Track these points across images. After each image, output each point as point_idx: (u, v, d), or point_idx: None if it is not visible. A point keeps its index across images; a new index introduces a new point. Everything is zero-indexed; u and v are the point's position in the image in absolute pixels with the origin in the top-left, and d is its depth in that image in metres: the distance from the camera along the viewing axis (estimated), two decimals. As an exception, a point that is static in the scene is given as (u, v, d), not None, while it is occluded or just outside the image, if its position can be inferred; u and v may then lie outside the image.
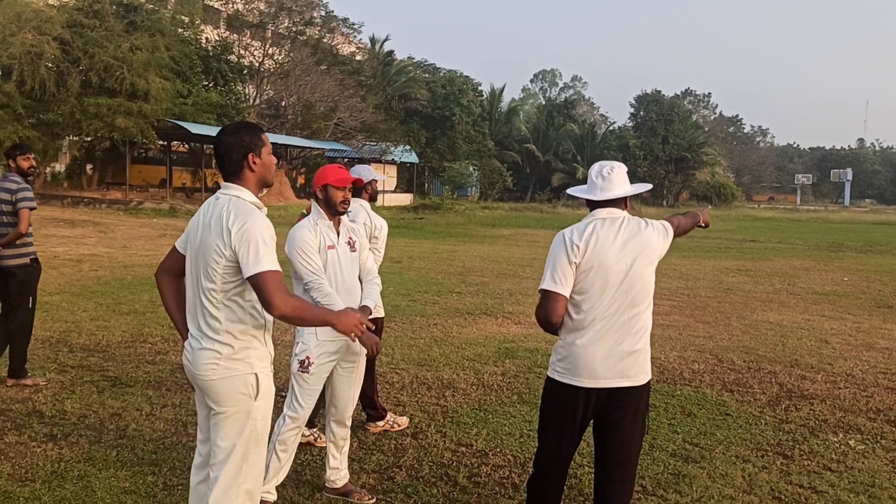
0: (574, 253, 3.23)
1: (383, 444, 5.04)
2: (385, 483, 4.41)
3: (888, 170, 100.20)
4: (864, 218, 50.97)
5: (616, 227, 3.31)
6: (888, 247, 25.12)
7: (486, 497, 4.27)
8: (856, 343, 8.78)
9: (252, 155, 3.00)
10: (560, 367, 3.30)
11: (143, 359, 7.04)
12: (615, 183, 3.37)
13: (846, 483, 4.58)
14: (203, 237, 2.95)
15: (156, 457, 4.64)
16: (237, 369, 2.92)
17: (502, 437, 5.24)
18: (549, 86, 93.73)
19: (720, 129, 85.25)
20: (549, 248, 3.34)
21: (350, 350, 4.18)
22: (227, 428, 2.94)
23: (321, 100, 41.43)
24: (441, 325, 9.00)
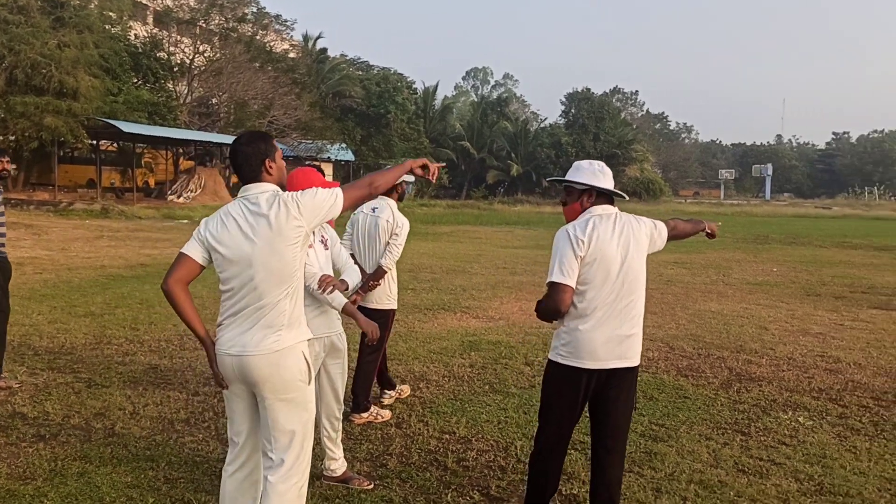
0: (580, 247, 3.49)
1: (370, 435, 5.24)
2: (379, 470, 4.61)
3: (804, 165, 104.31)
4: (784, 211, 53.11)
5: (612, 222, 3.59)
6: (809, 238, 26.35)
7: (476, 479, 4.52)
8: (792, 329, 9.35)
9: (268, 160, 3.21)
10: (564, 351, 3.57)
11: (112, 360, 7.05)
12: (609, 177, 3.69)
13: (800, 455, 4.99)
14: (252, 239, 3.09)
15: (150, 453, 4.74)
16: (294, 357, 3.16)
17: (481, 424, 5.50)
18: (481, 83, 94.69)
19: (647, 126, 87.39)
20: (553, 243, 3.58)
21: (335, 347, 4.38)
22: (291, 414, 3.17)
23: (254, 98, 40.98)
24: (402, 321, 9.20)
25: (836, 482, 4.53)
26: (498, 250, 19.73)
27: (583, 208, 3.66)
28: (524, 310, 10.26)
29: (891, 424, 5.66)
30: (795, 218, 44.87)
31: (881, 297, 12.19)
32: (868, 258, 19.42)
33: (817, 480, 4.56)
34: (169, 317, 9.19)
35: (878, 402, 6.24)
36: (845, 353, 8.01)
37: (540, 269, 15.24)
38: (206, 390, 6.16)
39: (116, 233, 21.06)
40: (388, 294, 5.64)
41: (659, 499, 4.26)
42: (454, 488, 4.36)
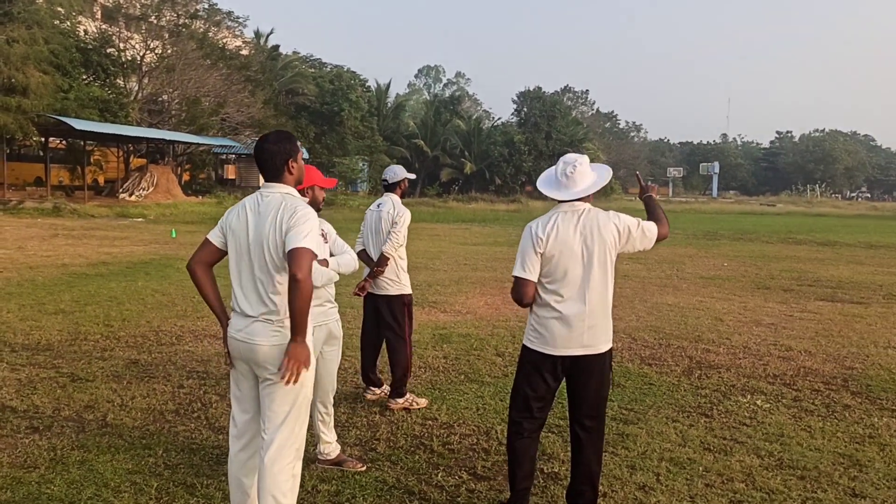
0: (538, 244, 3.76)
1: (357, 421, 5.47)
2: (369, 454, 4.84)
3: (749, 163, 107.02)
4: (731, 208, 54.57)
5: (576, 218, 3.80)
6: (756, 235, 27.24)
7: (462, 460, 4.78)
8: (745, 320, 9.81)
9: (291, 160, 3.43)
10: (532, 336, 3.87)
11: (92, 356, 7.14)
12: (577, 181, 3.85)
13: (760, 435, 5.36)
14: (259, 228, 3.33)
15: (146, 441, 4.90)
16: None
17: (461, 410, 5.77)
18: (434, 82, 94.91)
19: (598, 124, 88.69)
20: (522, 238, 3.88)
21: (332, 335, 4.63)
22: (283, 395, 3.34)
23: (207, 95, 40.59)
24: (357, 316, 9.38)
25: (794, 458, 4.90)
26: (457, 247, 20.02)
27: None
28: (490, 304, 10.56)
29: (841, 406, 6.08)
30: (742, 215, 46.17)
31: (826, 290, 12.79)
32: (812, 253, 20.22)
33: (777, 456, 4.92)
34: (141, 313, 9.28)
35: (828, 386, 6.67)
36: (796, 341, 8.47)
37: (500, 265, 15.58)
38: (190, 383, 6.30)
39: (71, 231, 20.78)
40: (397, 280, 5.93)
41: (634, 475, 4.57)
42: (443, 469, 4.61)
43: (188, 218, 28.98)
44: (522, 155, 59.10)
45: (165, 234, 20.78)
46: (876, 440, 5.27)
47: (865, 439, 5.29)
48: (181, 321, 8.88)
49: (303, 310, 3.18)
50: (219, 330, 8.39)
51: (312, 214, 3.33)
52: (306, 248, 3.18)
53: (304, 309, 3.19)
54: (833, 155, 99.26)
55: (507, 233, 26.53)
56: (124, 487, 4.20)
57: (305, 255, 3.17)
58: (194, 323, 8.81)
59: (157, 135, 36.23)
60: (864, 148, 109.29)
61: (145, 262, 14.64)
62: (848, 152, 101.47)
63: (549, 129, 61.48)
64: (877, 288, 13.10)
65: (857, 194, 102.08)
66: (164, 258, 15.38)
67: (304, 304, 3.17)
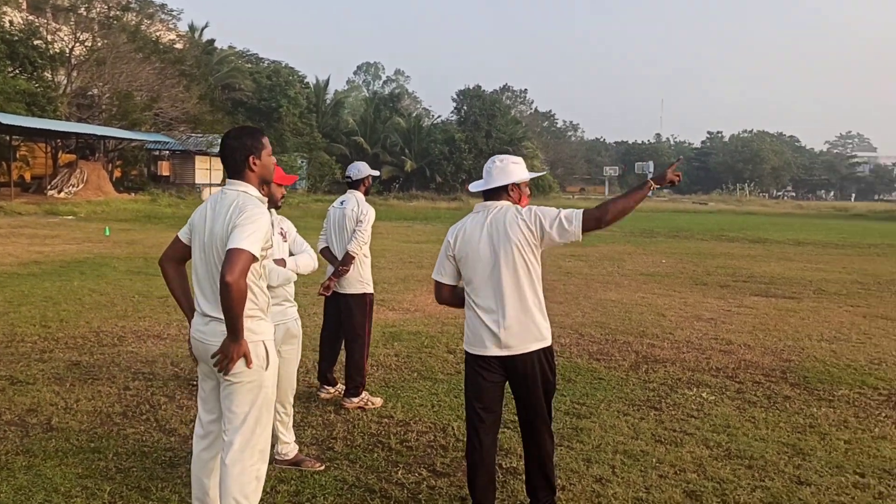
0: (448, 247, 3.85)
1: (312, 420, 5.42)
2: (327, 453, 4.81)
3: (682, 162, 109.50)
4: (666, 206, 55.80)
5: (483, 218, 3.78)
6: (691, 232, 27.93)
7: (420, 457, 4.78)
8: (687, 315, 10.06)
9: (252, 157, 3.36)
10: (466, 340, 3.88)
11: (30, 357, 6.91)
12: (494, 176, 3.81)
13: (708, 426, 5.50)
14: (213, 227, 3.26)
15: (94, 445, 4.77)
16: (249, 339, 3.24)
17: (416, 408, 5.77)
18: (373, 79, 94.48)
19: (536, 123, 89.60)
20: None
21: (290, 334, 4.59)
22: (242, 396, 3.27)
23: (139, 89, 39.57)
24: (321, 314, 9.31)
25: (741, 448, 5.05)
26: (401, 245, 20.00)
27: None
28: (437, 301, 10.57)
29: (781, 397, 6.28)
30: (676, 213, 47.26)
31: (760, 286, 13.20)
32: (745, 250, 20.83)
33: (725, 447, 5.07)
34: (80, 313, 9.01)
35: (768, 378, 6.90)
36: (735, 335, 8.72)
37: (445, 262, 15.59)
38: (136, 385, 6.16)
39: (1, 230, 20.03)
40: (360, 279, 5.91)
41: (590, 468, 4.65)
42: (402, 466, 4.61)
43: (121, 216, 28.23)
44: (463, 153, 59.30)
45: (98, 233, 20.21)
46: (816, 430, 5.47)
47: (806, 429, 5.48)
48: (122, 321, 8.65)
49: (233, 312, 3.10)
50: (162, 330, 8.26)
51: (262, 215, 3.24)
52: (242, 251, 3.09)
53: (236, 311, 3.10)
54: (760, 155, 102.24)
55: (448, 230, 26.59)
56: (75, 492, 4.08)
57: (239, 257, 3.08)
58: (136, 323, 8.60)
59: (87, 130, 35.13)
60: (790, 148, 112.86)
61: (79, 260, 14.22)
62: (774, 152, 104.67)
63: (488, 127, 61.86)
64: (807, 283, 13.57)
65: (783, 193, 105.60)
66: (99, 257, 14.96)
67: (234, 307, 3.08)
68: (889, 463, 4.83)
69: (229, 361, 3.19)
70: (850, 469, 4.71)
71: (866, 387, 6.61)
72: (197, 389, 5.31)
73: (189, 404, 5.67)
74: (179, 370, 6.66)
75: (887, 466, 4.77)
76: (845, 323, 9.69)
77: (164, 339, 7.90)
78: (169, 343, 7.69)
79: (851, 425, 5.57)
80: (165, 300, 10.01)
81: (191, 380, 6.29)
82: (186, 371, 6.59)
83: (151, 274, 12.55)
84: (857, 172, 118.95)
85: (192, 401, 5.76)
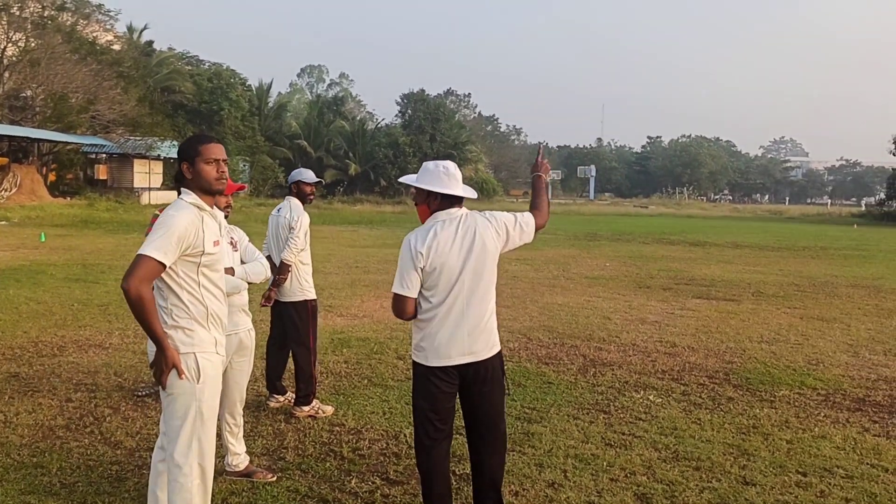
0: (419, 259, 3.60)
1: (262, 430, 5.35)
2: (278, 463, 4.76)
3: (623, 166, 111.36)
4: (607, 210, 56.67)
5: (455, 227, 3.67)
6: (633, 235, 28.42)
7: (374, 465, 4.76)
8: (631, 318, 10.24)
9: (185, 164, 3.32)
10: (417, 351, 3.74)
11: (-35, 370, 6.66)
12: (458, 180, 3.73)
13: (656, 429, 5.61)
14: None
15: (36, 460, 4.62)
16: (179, 350, 3.20)
17: (368, 415, 5.75)
18: (317, 82, 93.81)
19: (480, 127, 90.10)
20: (401, 252, 3.70)
21: (242, 344, 4.53)
22: (174, 408, 3.23)
23: (75, 91, 38.53)
24: (267, 321, 9.20)
25: (688, 449, 5.16)
26: (346, 249, 19.88)
27: (430, 210, 3.74)
28: (385, 307, 10.54)
29: (725, 399, 6.44)
30: (618, 216, 48.00)
31: (701, 288, 13.51)
32: (685, 253, 21.30)
33: (673, 449, 5.17)
34: (17, 322, 8.73)
35: (712, 380, 7.06)
36: (679, 338, 8.91)
37: (392, 267, 15.51)
38: (78, 396, 5.99)
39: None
40: (299, 286, 5.84)
41: (542, 473, 4.69)
42: (355, 475, 4.59)
43: (57, 220, 27.41)
44: (407, 157, 59.23)
45: (33, 238, 19.59)
46: (759, 430, 5.62)
47: (750, 430, 5.63)
48: (61, 331, 8.41)
49: (140, 320, 3.07)
50: (104, 339, 8.08)
51: (174, 217, 3.16)
52: (141, 256, 3.05)
53: (141, 319, 3.07)
54: (698, 159, 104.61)
55: (395, 235, 26.52)
56: (18, 510, 3.95)
57: (137, 263, 3.04)
58: (76, 332, 8.37)
59: (19, 132, 34.07)
60: (726, 153, 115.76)
61: (14, 268, 13.77)
62: (712, 157, 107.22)
63: (433, 131, 61.94)
64: (746, 286, 13.94)
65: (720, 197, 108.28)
66: (35, 264, 14.50)
67: (136, 314, 3.05)
68: (829, 462, 4.99)
69: (160, 373, 3.16)
70: (792, 469, 4.85)
71: (805, 387, 6.82)
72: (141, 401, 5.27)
73: (134, 416, 5.54)
74: (123, 380, 6.50)
75: (828, 465, 4.93)
76: (783, 324, 9.98)
77: (107, 348, 7.70)
78: (111, 353, 7.50)
79: (793, 425, 5.74)
80: (106, 308, 9.77)
81: (135, 391, 6.15)
82: (130, 381, 6.44)
83: (90, 281, 12.24)
84: (791, 177, 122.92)
85: (137, 412, 5.63)
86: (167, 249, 3.10)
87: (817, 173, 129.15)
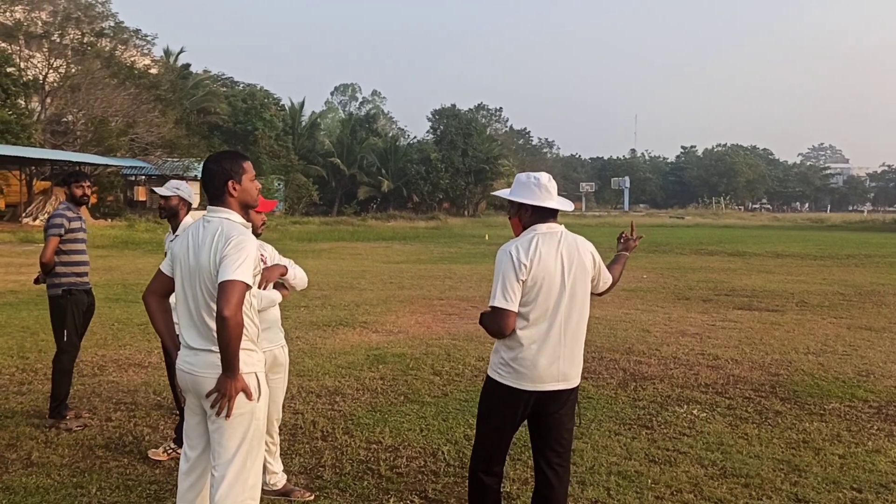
0: (522, 271, 3.40)
1: (299, 448, 5.29)
2: (316, 482, 4.70)
3: (657, 177, 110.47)
4: (642, 221, 56.01)
5: (556, 241, 3.50)
6: (669, 246, 28.08)
7: (411, 484, 4.68)
8: (671, 331, 10.05)
9: (232, 182, 3.27)
10: (503, 371, 3.50)
11: (8, 390, 6.73)
12: (551, 192, 3.57)
13: (701, 444, 5.45)
14: (199, 257, 3.16)
15: (76, 480, 4.62)
16: (242, 371, 3.13)
17: (405, 432, 5.67)
18: (350, 100, 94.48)
19: (511, 141, 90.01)
20: (496, 263, 3.51)
21: (276, 361, 4.48)
22: (233, 429, 3.15)
23: (115, 115, 39.31)
24: (304, 338, 9.22)
25: (736, 466, 5.00)
26: (381, 265, 19.89)
27: (522, 223, 3.60)
28: (421, 322, 10.49)
29: (772, 412, 6.25)
30: (654, 227, 47.48)
31: (743, 299, 13.24)
32: (725, 263, 20.96)
33: (720, 465, 5.01)
34: (57, 344, 8.81)
35: (757, 393, 6.87)
36: (722, 350, 8.71)
37: (427, 283, 15.53)
38: (118, 415, 6.01)
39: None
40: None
41: (585, 491, 4.58)
42: (393, 494, 4.51)
43: (97, 242, 27.79)
44: (439, 172, 59.43)
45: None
46: (810, 445, 5.43)
47: (800, 444, 5.45)
48: (102, 350, 8.48)
49: (231, 348, 3.01)
50: (143, 358, 8.11)
51: (249, 241, 3.15)
52: (236, 282, 3.01)
53: (234, 347, 3.02)
54: (735, 168, 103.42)
55: (428, 250, 26.54)
56: (57, 532, 3.94)
57: (234, 289, 3.00)
58: (116, 352, 8.43)
59: (61, 156, 34.82)
60: (764, 161, 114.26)
61: (56, 289, 13.94)
62: (749, 165, 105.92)
63: (465, 146, 62.06)
64: (789, 296, 13.64)
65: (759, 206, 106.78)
66: (77, 285, 14.68)
67: (232, 342, 3.00)
68: (885, 477, 4.80)
69: (229, 399, 3.09)
70: (846, 485, 4.67)
71: (856, 399, 6.61)
72: (181, 420, 5.18)
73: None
74: (162, 399, 6.51)
75: (883, 481, 4.74)
76: (830, 335, 9.72)
77: (146, 367, 7.74)
78: (151, 371, 7.53)
79: (845, 439, 5.55)
80: (146, 327, 9.84)
81: (174, 409, 6.15)
82: (169, 400, 6.44)
83: (130, 301, 12.35)
84: (831, 184, 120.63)
85: (176, 432, 5.62)
86: (252, 272, 3.10)
87: (859, 180, 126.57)
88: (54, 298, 5.87)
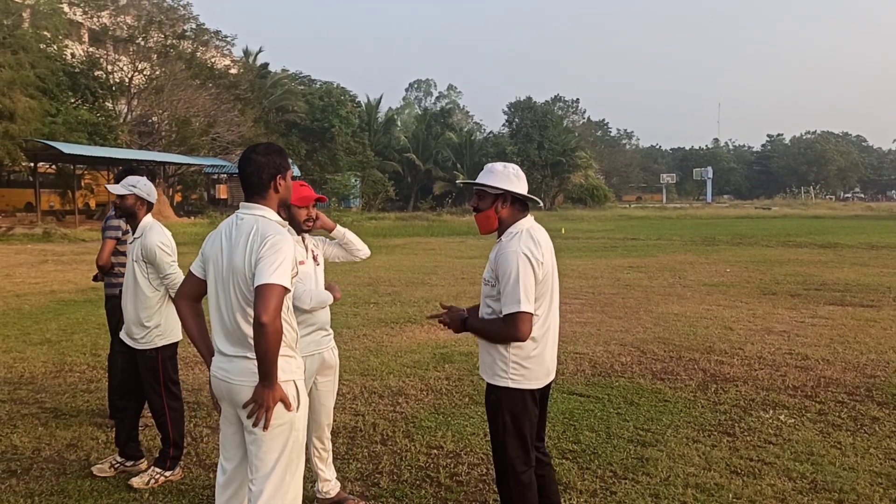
0: (539, 269, 3.26)
1: (357, 453, 5.11)
2: (372, 489, 4.49)
3: (742, 167, 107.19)
4: (726, 213, 54.38)
5: (544, 233, 3.44)
6: (755, 239, 26.96)
7: (472, 493, 4.43)
8: (756, 328, 9.49)
9: (279, 177, 3.08)
10: (516, 375, 3.31)
11: (76, 388, 6.79)
12: (524, 182, 3.46)
13: (789, 454, 5.02)
14: (232, 258, 2.98)
15: (130, 484, 4.54)
16: (280, 379, 2.93)
17: (468, 437, 5.41)
18: (425, 95, 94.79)
19: (589, 133, 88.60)
20: (506, 265, 3.24)
21: (326, 364, 4.23)
22: (271, 441, 2.96)
23: (197, 115, 40.35)
24: (370, 336, 9.08)
25: (828, 479, 4.56)
26: (454, 261, 19.68)
27: (497, 214, 3.39)
28: (491, 319, 10.21)
29: (869, 419, 5.75)
30: (738, 219, 45.95)
31: (835, 294, 12.48)
32: (814, 256, 19.93)
33: (810, 478, 4.59)
34: (129, 341, 8.90)
35: (852, 397, 6.35)
36: (812, 349, 8.15)
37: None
38: (180, 416, 5.94)
39: (61, 257, 20.38)
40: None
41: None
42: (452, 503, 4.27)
43: (181, 239, 28.24)
44: (515, 165, 58.90)
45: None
46: (912, 456, 4.94)
47: (901, 455, 4.96)
48: (171, 348, 8.50)
49: (270, 356, 2.82)
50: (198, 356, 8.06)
51: (285, 242, 2.94)
52: (273, 286, 2.82)
53: (272, 355, 2.83)
54: (825, 156, 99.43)
55: (503, 244, 26.19)
56: (106, 538, 3.85)
57: (272, 293, 2.81)
58: (184, 349, 8.40)
59: (147, 156, 35.90)
60: (856, 148, 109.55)
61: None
62: (840, 153, 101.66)
63: (540, 138, 61.39)
64: (885, 290, 12.80)
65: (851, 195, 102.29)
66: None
67: (270, 349, 2.81)
68: None
69: (267, 410, 2.90)
70: (956, 503, 4.19)
71: (964, 405, 6.02)
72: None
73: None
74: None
75: None
76: (932, 333, 9.00)
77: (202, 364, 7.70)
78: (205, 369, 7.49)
79: (952, 451, 5.02)
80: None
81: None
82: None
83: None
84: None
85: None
86: (290, 274, 2.92)
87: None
88: (111, 298, 5.85)
